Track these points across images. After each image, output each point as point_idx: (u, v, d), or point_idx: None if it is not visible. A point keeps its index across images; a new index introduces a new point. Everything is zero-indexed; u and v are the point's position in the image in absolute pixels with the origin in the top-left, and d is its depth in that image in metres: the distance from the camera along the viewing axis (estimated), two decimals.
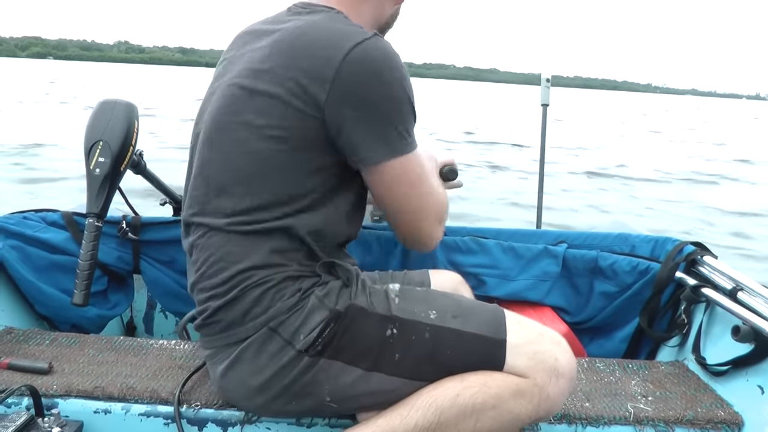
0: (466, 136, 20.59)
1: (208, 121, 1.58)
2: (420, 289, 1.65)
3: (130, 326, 2.69)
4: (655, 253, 2.40)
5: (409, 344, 1.49)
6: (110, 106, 2.05)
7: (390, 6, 1.76)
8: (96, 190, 1.99)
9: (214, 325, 1.54)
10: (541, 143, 3.41)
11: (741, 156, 19.54)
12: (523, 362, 1.50)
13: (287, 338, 1.47)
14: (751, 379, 1.91)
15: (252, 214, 1.49)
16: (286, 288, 1.49)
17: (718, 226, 9.23)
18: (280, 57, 1.48)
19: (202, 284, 1.55)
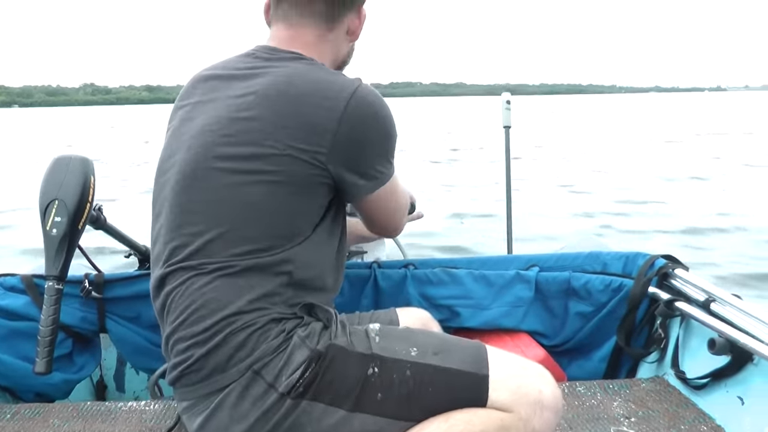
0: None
1: (184, 168, 1.54)
2: (401, 328, 1.67)
3: (101, 386, 2.62)
4: (626, 269, 2.39)
5: (390, 383, 1.47)
6: (64, 162, 1.99)
7: (346, 45, 1.78)
8: (54, 251, 1.93)
9: (194, 374, 1.48)
10: (506, 166, 3.38)
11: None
12: (507, 396, 1.48)
13: (270, 381, 1.43)
14: (730, 391, 1.91)
15: (240, 257, 1.47)
16: (270, 330, 1.46)
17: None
18: (271, 106, 1.50)
19: (180, 333, 1.49)
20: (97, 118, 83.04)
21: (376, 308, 2.29)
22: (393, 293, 2.38)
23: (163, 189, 1.60)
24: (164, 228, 1.56)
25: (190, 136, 1.57)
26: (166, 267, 1.53)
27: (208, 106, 1.59)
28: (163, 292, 1.54)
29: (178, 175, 1.56)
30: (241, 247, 1.47)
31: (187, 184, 1.54)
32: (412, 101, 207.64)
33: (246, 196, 1.48)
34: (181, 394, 1.54)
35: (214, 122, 1.54)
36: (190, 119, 1.61)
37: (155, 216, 1.62)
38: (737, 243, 7.92)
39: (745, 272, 6.66)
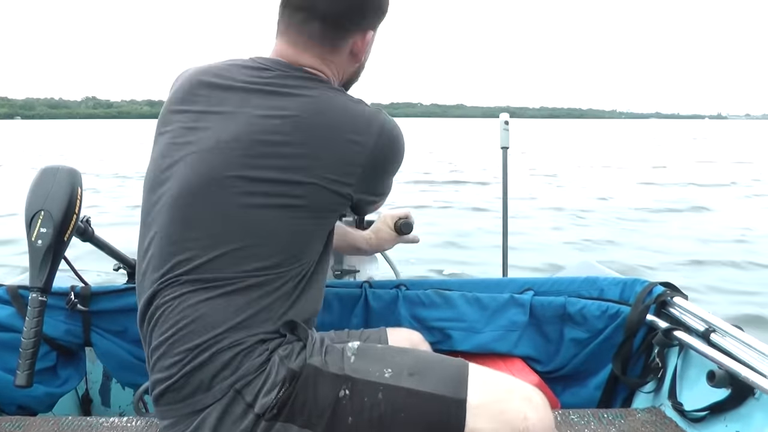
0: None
1: (192, 180, 1.48)
2: (380, 346, 1.59)
3: (86, 400, 2.57)
4: (624, 296, 2.34)
5: (361, 406, 1.41)
6: (52, 173, 1.95)
7: (350, 66, 1.71)
8: (39, 262, 1.89)
9: (177, 392, 1.43)
10: (503, 188, 3.34)
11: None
12: (485, 424, 1.40)
13: (249, 401, 1.39)
14: (730, 425, 1.86)
15: (248, 274, 1.43)
16: (255, 349, 1.42)
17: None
18: (303, 134, 1.47)
19: (166, 350, 1.44)
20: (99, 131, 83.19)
21: (366, 327, 2.25)
22: (384, 313, 2.34)
23: (159, 199, 1.52)
24: (161, 240, 1.49)
25: (199, 148, 1.50)
26: (161, 280, 1.47)
27: (222, 120, 1.52)
28: (152, 305, 1.48)
29: (182, 187, 1.49)
30: (251, 264, 1.43)
31: (195, 197, 1.47)
32: (413, 122, 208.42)
33: (262, 216, 1.45)
34: (163, 413, 1.48)
35: (233, 139, 1.48)
36: (196, 129, 1.53)
37: (146, 226, 1.55)
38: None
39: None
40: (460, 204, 13.87)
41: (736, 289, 6.95)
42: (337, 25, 1.59)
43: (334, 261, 2.74)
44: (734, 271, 7.87)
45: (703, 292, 6.64)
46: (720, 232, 10.58)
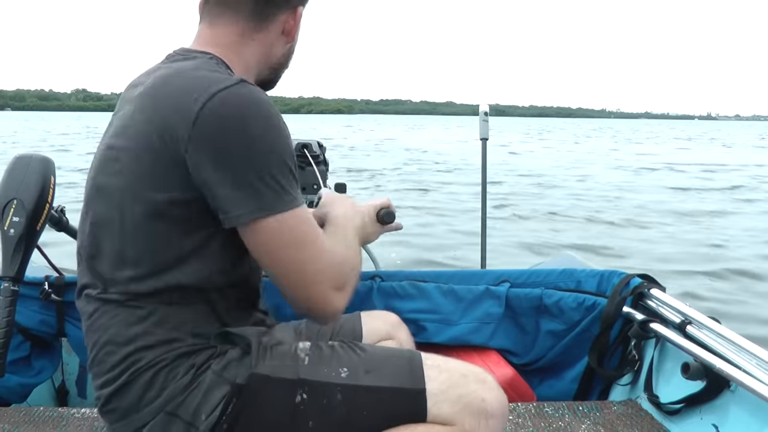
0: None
1: (87, 187, 1.45)
2: (331, 344, 1.50)
3: (62, 391, 2.55)
4: (601, 288, 2.33)
5: (321, 409, 1.37)
6: (25, 161, 1.95)
7: (281, 46, 1.60)
8: (11, 251, 1.88)
9: (112, 413, 1.39)
10: (482, 179, 3.32)
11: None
12: (447, 409, 1.39)
13: (188, 420, 1.34)
14: (705, 418, 1.86)
15: (132, 285, 1.35)
16: (179, 366, 1.35)
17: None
18: (143, 112, 1.36)
19: (94, 370, 1.42)
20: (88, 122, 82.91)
21: None
22: (358, 305, 2.29)
23: (85, 202, 1.47)
24: (79, 251, 1.47)
25: (98, 152, 1.47)
26: (80, 294, 1.46)
27: (114, 120, 1.48)
28: (83, 321, 1.45)
29: (85, 194, 1.46)
30: (128, 271, 1.35)
31: (86, 203, 1.44)
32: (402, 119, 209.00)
33: (121, 215, 1.35)
34: (110, 430, 1.45)
35: (111, 136, 1.43)
36: (104, 134, 1.50)
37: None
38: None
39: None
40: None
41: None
42: (268, 1, 1.51)
43: None
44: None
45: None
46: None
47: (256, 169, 1.31)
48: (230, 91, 1.32)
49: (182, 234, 1.35)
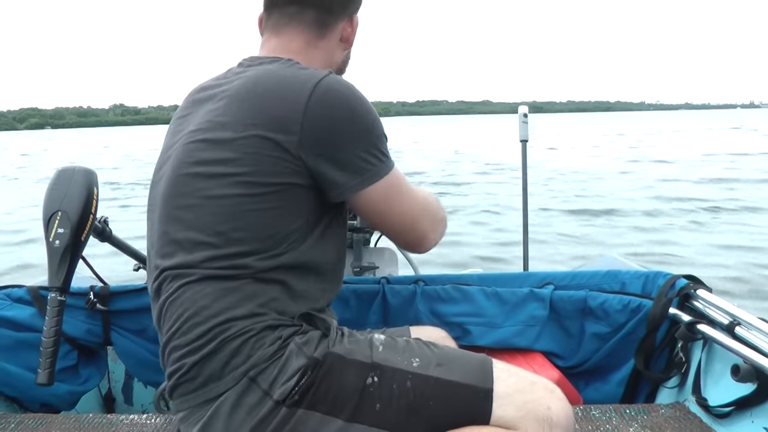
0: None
1: (170, 176, 1.55)
2: (406, 339, 1.58)
3: (109, 398, 2.60)
4: (646, 290, 2.30)
5: (390, 394, 1.42)
6: (68, 174, 1.98)
7: (340, 52, 1.78)
8: (57, 262, 1.91)
9: (189, 383, 1.45)
10: (523, 181, 3.30)
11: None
12: (512, 413, 1.42)
13: (265, 389, 1.40)
14: (756, 421, 1.81)
15: (228, 262, 1.44)
16: (266, 337, 1.43)
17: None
18: (240, 106, 1.50)
19: (175, 342, 1.47)
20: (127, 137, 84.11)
21: (385, 325, 2.25)
22: (402, 309, 2.32)
23: (154, 201, 1.61)
24: (154, 237, 1.57)
25: (174, 148, 1.59)
26: (159, 276, 1.52)
27: (192, 118, 1.60)
28: (158, 302, 1.53)
29: (164, 185, 1.57)
30: (229, 250, 1.45)
31: (172, 192, 1.53)
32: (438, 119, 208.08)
33: (222, 199, 1.46)
34: (179, 405, 1.50)
35: (196, 131, 1.55)
36: (178, 132, 1.63)
37: (149, 227, 1.62)
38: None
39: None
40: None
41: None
42: (330, 11, 1.69)
43: (354, 258, 2.73)
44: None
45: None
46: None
47: (363, 145, 1.51)
48: (328, 81, 1.50)
49: (282, 218, 1.48)
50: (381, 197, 1.56)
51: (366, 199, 1.54)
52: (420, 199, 1.66)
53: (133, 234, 2.62)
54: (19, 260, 8.87)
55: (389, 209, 1.59)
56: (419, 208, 1.65)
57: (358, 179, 1.51)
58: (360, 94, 1.55)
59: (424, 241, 1.68)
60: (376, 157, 1.53)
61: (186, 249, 1.48)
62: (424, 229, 1.66)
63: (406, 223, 1.63)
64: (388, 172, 1.55)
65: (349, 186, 1.51)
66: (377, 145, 1.54)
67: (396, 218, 1.62)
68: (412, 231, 1.65)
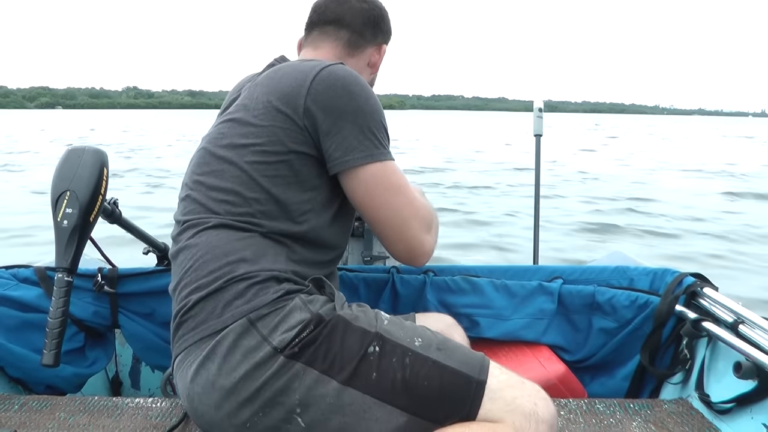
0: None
1: (201, 153, 1.75)
2: (409, 321, 1.64)
3: (116, 382, 2.60)
4: (654, 286, 2.30)
5: (388, 366, 1.47)
6: (78, 154, 1.95)
7: (366, 75, 2.01)
8: (65, 243, 1.89)
9: (191, 320, 1.53)
10: (536, 175, 3.30)
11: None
12: (500, 406, 1.47)
13: (265, 334, 1.46)
14: (755, 417, 1.83)
15: (242, 217, 1.59)
16: (270, 286, 1.51)
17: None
18: (260, 90, 1.69)
19: (186, 280, 1.58)
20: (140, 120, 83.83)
21: (395, 313, 2.25)
22: (411, 299, 2.33)
23: (185, 177, 1.78)
24: (179, 203, 1.74)
25: (208, 133, 1.80)
26: (179, 229, 1.68)
27: (230, 104, 1.82)
28: (176, 248, 1.67)
29: (194, 160, 1.76)
30: (240, 208, 1.60)
31: (199, 162, 1.72)
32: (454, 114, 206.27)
33: (241, 166, 1.62)
34: (177, 347, 1.57)
35: (230, 113, 1.74)
36: (221, 114, 1.85)
37: (185, 176, 1.79)
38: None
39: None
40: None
41: None
42: (361, 35, 1.95)
43: (364, 247, 2.74)
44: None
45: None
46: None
47: (360, 124, 1.64)
48: (335, 67, 1.68)
49: (293, 187, 1.63)
50: (370, 182, 1.66)
51: (356, 179, 1.65)
52: (414, 201, 1.72)
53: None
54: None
55: (378, 199, 1.68)
56: (412, 209, 1.71)
57: (349, 156, 1.63)
58: (363, 82, 1.70)
59: (414, 245, 1.74)
60: (369, 140, 1.65)
61: (205, 205, 1.63)
62: (414, 233, 1.72)
63: (394, 219, 1.70)
64: (382, 160, 1.66)
65: (340, 160, 1.63)
66: (372, 129, 1.66)
67: (384, 212, 1.69)
68: (400, 231, 1.72)
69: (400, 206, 1.69)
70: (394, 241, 1.74)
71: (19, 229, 8.92)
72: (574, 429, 1.86)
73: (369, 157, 1.64)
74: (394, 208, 1.69)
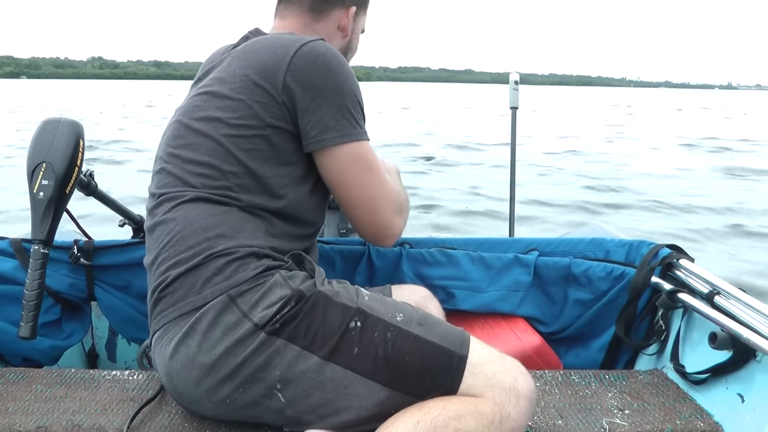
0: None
1: (175, 125, 1.72)
2: (390, 298, 1.68)
3: (92, 355, 2.59)
4: (630, 258, 2.33)
5: (370, 341, 1.48)
6: (53, 125, 1.93)
7: (338, 40, 1.95)
8: (40, 215, 1.88)
9: (170, 296, 1.53)
10: (512, 147, 3.31)
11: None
12: (481, 381, 1.48)
13: (245, 310, 1.46)
14: (730, 387, 1.85)
15: (220, 191, 1.58)
16: (250, 262, 1.51)
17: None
18: (238, 63, 1.67)
19: (163, 256, 1.57)
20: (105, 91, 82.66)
21: (370, 286, 2.25)
22: (387, 271, 2.34)
23: (158, 150, 1.76)
24: (154, 176, 1.72)
25: (182, 105, 1.78)
26: (154, 202, 1.66)
27: (203, 76, 1.79)
28: (151, 222, 1.66)
29: (168, 133, 1.74)
30: (217, 182, 1.59)
31: (174, 135, 1.70)
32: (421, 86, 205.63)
33: (217, 139, 1.61)
34: (155, 324, 1.57)
35: (204, 85, 1.72)
36: (194, 86, 1.81)
37: (152, 175, 1.75)
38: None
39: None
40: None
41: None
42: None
43: (340, 220, 2.73)
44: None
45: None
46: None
47: (338, 103, 1.64)
48: (316, 44, 1.66)
49: (269, 162, 1.62)
50: (345, 161, 1.67)
51: (331, 158, 1.67)
52: (386, 183, 1.75)
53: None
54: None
55: (350, 178, 1.70)
56: (382, 190, 1.74)
57: (326, 135, 1.63)
58: (343, 60, 1.70)
59: (383, 225, 1.78)
60: (347, 119, 1.65)
61: (181, 178, 1.62)
62: (384, 213, 1.76)
63: (365, 199, 1.73)
64: (358, 140, 1.67)
65: (317, 138, 1.64)
66: (350, 108, 1.66)
67: (355, 191, 1.71)
68: (370, 211, 1.74)
69: (371, 186, 1.71)
70: (363, 222, 1.77)
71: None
72: (549, 400, 1.87)
73: (345, 136, 1.65)
74: (365, 188, 1.71)
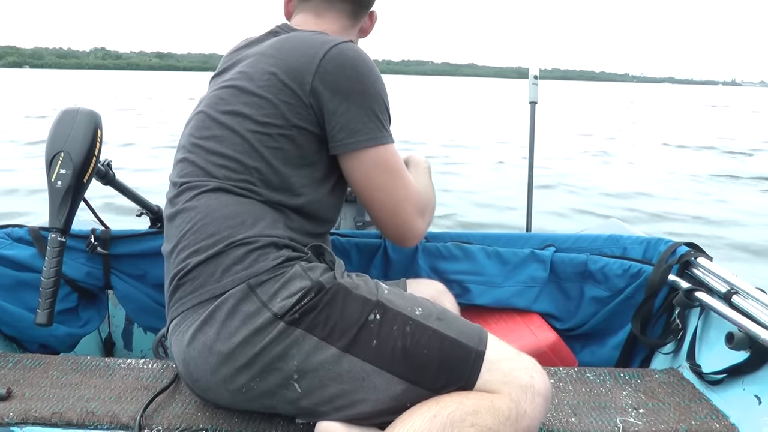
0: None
1: (199, 116, 1.72)
2: (409, 292, 1.67)
3: (109, 343, 2.61)
4: (647, 255, 2.31)
5: (389, 334, 1.48)
6: (71, 115, 1.96)
7: (356, 39, 1.96)
8: (58, 203, 1.90)
9: (189, 283, 1.54)
10: (530, 142, 3.29)
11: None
12: (498, 377, 1.49)
13: (264, 300, 1.46)
14: (747, 389, 1.83)
15: (241, 183, 1.59)
16: (269, 252, 1.52)
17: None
18: (267, 60, 1.66)
19: (183, 243, 1.58)
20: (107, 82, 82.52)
21: (386, 279, 2.25)
22: (403, 265, 2.33)
23: (180, 141, 1.76)
24: (175, 166, 1.73)
25: (205, 97, 1.77)
26: (175, 191, 1.67)
27: (229, 69, 1.78)
28: (172, 210, 1.66)
29: (192, 124, 1.74)
30: (239, 175, 1.60)
31: (198, 126, 1.70)
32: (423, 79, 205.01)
33: (242, 134, 1.62)
34: (175, 308, 1.57)
35: (229, 79, 1.72)
36: (210, 87, 1.80)
37: (181, 139, 1.77)
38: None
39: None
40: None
41: None
42: (362, 5, 1.91)
43: (357, 213, 2.74)
44: None
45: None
46: None
47: (366, 107, 1.64)
48: (344, 46, 1.66)
49: (292, 161, 1.63)
50: (370, 164, 1.68)
51: (356, 161, 1.67)
52: (409, 185, 1.74)
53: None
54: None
55: (374, 180, 1.69)
56: (406, 192, 1.74)
57: (353, 138, 1.64)
58: (372, 63, 1.69)
59: (405, 227, 1.77)
60: (373, 122, 1.65)
61: (204, 168, 1.63)
62: (406, 216, 1.75)
63: (388, 201, 1.73)
64: (384, 143, 1.67)
65: (344, 142, 1.64)
66: (377, 112, 1.66)
67: (378, 193, 1.71)
68: (394, 213, 1.74)
69: (394, 188, 1.71)
70: (386, 223, 1.77)
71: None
72: (563, 397, 1.86)
73: (372, 140, 1.65)
74: (389, 190, 1.71)
